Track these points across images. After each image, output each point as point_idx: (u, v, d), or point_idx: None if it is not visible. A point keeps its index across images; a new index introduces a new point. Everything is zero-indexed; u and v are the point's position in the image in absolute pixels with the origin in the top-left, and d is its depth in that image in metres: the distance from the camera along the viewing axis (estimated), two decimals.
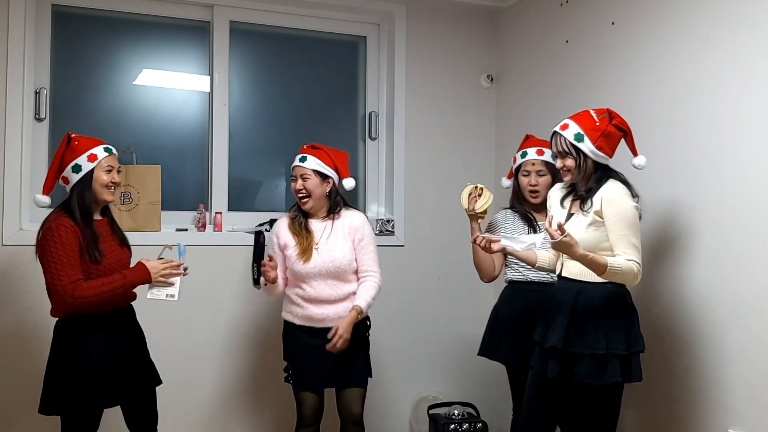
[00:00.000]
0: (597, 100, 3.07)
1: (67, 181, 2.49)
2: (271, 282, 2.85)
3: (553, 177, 2.87)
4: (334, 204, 2.95)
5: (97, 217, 2.57)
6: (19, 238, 3.10)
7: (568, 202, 2.54)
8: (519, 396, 2.87)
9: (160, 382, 2.71)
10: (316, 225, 2.92)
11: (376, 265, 2.92)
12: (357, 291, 2.87)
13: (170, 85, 3.61)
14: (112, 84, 3.47)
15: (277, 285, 2.89)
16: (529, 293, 2.88)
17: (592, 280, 2.39)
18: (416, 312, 3.81)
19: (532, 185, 2.92)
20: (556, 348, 2.42)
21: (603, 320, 2.38)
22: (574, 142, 2.40)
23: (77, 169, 2.46)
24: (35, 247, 2.45)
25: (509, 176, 3.07)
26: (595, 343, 2.36)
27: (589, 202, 2.41)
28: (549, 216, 2.35)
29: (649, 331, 2.78)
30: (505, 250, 2.57)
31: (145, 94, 3.54)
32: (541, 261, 2.65)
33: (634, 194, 2.41)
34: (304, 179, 2.87)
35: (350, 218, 2.94)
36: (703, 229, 2.60)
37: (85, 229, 2.44)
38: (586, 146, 2.39)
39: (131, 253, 2.64)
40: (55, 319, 2.51)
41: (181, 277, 2.56)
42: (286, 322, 2.95)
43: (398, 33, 3.83)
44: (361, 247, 2.90)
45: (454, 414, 3.51)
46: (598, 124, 2.40)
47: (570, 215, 2.50)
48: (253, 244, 3.45)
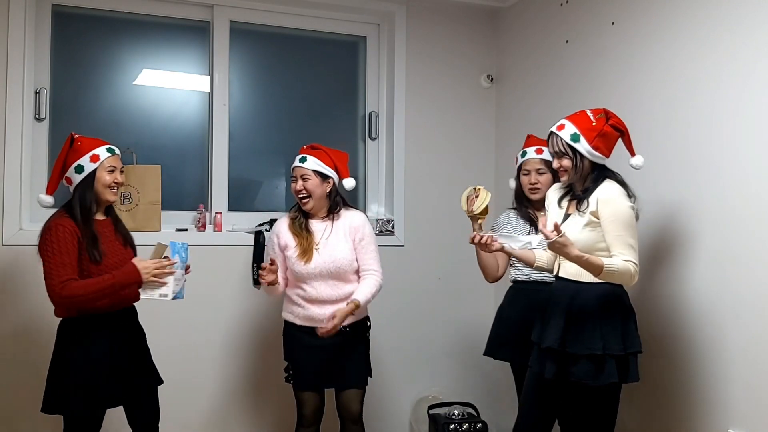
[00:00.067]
0: (597, 100, 3.07)
1: (70, 181, 2.51)
2: (269, 284, 2.85)
3: (554, 175, 2.87)
4: (334, 204, 2.94)
5: (100, 217, 2.57)
6: (19, 238, 3.10)
7: (565, 203, 2.54)
8: None
9: (161, 382, 2.71)
10: (316, 225, 2.92)
11: (378, 264, 2.92)
12: (357, 286, 2.87)
13: (170, 85, 3.61)
14: (112, 84, 3.47)
15: (278, 286, 2.89)
16: (532, 293, 2.88)
17: (588, 281, 2.39)
18: (416, 312, 3.81)
19: (531, 183, 2.94)
20: (553, 349, 2.42)
21: (600, 321, 2.38)
22: (571, 143, 2.40)
23: (80, 169, 2.48)
24: (37, 247, 2.46)
25: (516, 177, 3.09)
26: (592, 344, 2.36)
27: (586, 202, 2.40)
28: (542, 217, 2.35)
29: (650, 331, 2.78)
30: (504, 249, 2.57)
31: (145, 94, 3.54)
32: (540, 261, 2.66)
33: (630, 194, 2.40)
34: (305, 180, 2.87)
35: (350, 218, 2.94)
36: (703, 229, 2.60)
37: (85, 229, 2.45)
38: (583, 146, 2.39)
39: (136, 253, 2.64)
40: (58, 319, 2.51)
41: (185, 276, 2.55)
42: (287, 323, 2.95)
43: (398, 33, 3.83)
44: (362, 247, 2.90)
45: (454, 414, 3.51)
46: (594, 124, 2.39)
47: (567, 215, 2.50)
48: (253, 244, 3.46)
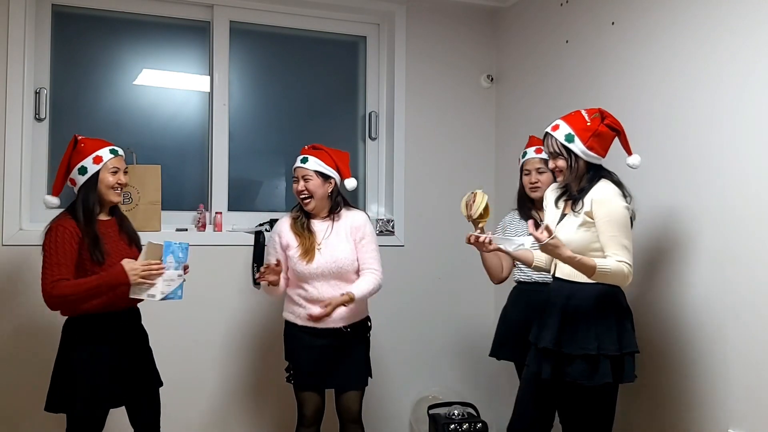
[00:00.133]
0: (597, 100, 3.07)
1: (74, 182, 2.54)
2: (270, 284, 2.85)
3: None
4: (335, 204, 2.94)
5: (105, 218, 2.60)
6: (19, 238, 3.10)
7: (562, 203, 2.54)
8: None
9: (161, 384, 2.72)
10: (318, 225, 2.92)
11: (377, 263, 2.91)
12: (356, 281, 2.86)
13: (170, 85, 3.61)
14: (112, 84, 3.47)
15: (278, 286, 2.89)
16: (534, 294, 2.88)
17: (584, 281, 2.38)
18: (416, 312, 3.81)
19: (532, 183, 2.96)
20: (549, 349, 2.42)
21: (595, 321, 2.38)
22: (565, 143, 2.39)
23: (83, 171, 2.51)
24: (41, 246, 2.49)
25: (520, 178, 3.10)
26: (586, 344, 2.36)
27: (580, 203, 2.40)
28: (530, 221, 2.35)
29: (650, 331, 2.79)
30: (501, 250, 2.57)
31: (145, 94, 3.54)
32: (538, 261, 2.66)
33: (626, 195, 2.39)
34: (306, 180, 2.87)
35: (352, 218, 2.94)
36: (703, 230, 2.60)
37: (87, 230, 2.47)
38: (577, 146, 2.38)
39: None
40: (57, 319, 2.52)
41: (183, 276, 2.55)
42: (288, 322, 2.94)
43: (398, 33, 3.83)
44: (362, 246, 2.90)
45: (454, 414, 3.51)
46: (589, 124, 2.39)
47: (564, 215, 2.50)
48: (253, 244, 3.46)
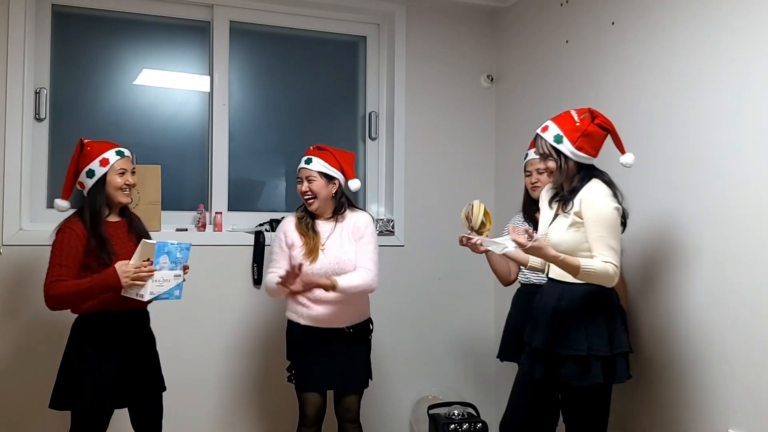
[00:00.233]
0: (597, 100, 3.07)
1: (83, 185, 2.57)
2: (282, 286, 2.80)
3: None
4: (339, 205, 2.95)
5: (115, 219, 2.63)
6: (19, 238, 3.10)
7: (555, 204, 2.54)
8: None
9: (164, 389, 2.72)
10: (322, 226, 2.93)
11: (372, 263, 2.87)
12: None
13: (170, 85, 3.61)
14: (112, 84, 3.47)
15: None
16: (532, 295, 2.87)
17: (576, 282, 2.38)
18: (416, 312, 3.81)
19: (532, 183, 2.96)
20: (541, 349, 2.43)
21: (585, 321, 2.38)
22: (554, 144, 2.39)
23: (91, 174, 2.54)
24: None
25: None
26: (577, 345, 2.36)
27: (570, 203, 2.40)
28: (510, 225, 2.35)
29: (650, 331, 2.79)
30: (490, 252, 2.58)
31: (145, 94, 3.54)
32: (533, 261, 2.66)
33: (617, 194, 2.39)
34: (310, 181, 2.88)
35: (355, 219, 2.94)
36: (703, 230, 2.59)
37: (93, 232, 2.49)
38: (566, 147, 2.38)
39: None
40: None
41: (183, 276, 2.56)
42: (290, 322, 2.94)
43: (398, 33, 3.83)
44: (360, 245, 2.89)
45: (454, 414, 3.51)
46: (578, 124, 2.38)
47: (556, 216, 2.50)
48: (253, 244, 3.46)
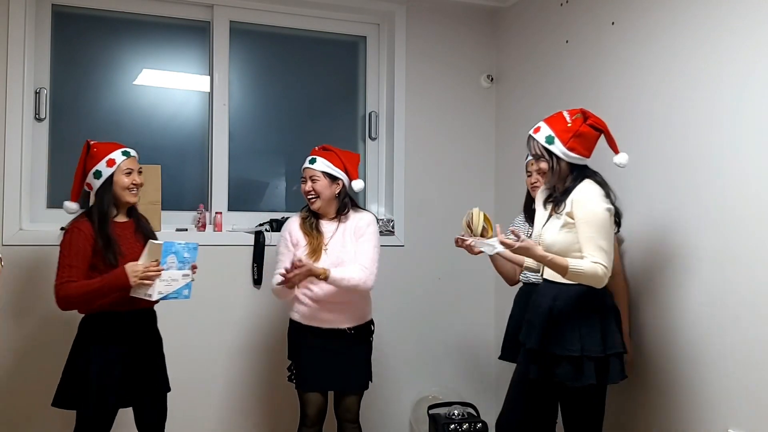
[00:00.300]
0: (597, 100, 3.07)
1: (90, 187, 2.59)
2: (287, 287, 2.81)
3: None
4: (343, 205, 2.95)
5: (122, 219, 2.64)
6: (19, 238, 3.10)
7: (549, 204, 2.54)
8: None
9: (168, 390, 2.73)
10: (326, 226, 2.93)
11: (369, 261, 2.85)
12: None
13: (170, 85, 3.61)
14: (112, 84, 3.47)
15: (293, 288, 2.84)
16: (529, 295, 2.89)
17: (570, 282, 2.38)
18: (416, 312, 3.81)
19: (532, 183, 2.96)
20: (536, 349, 2.43)
21: (578, 322, 2.38)
22: (546, 145, 2.40)
23: (98, 175, 2.56)
24: None
25: None
26: (570, 346, 2.36)
27: (563, 204, 2.40)
28: (498, 226, 2.35)
29: (650, 331, 2.79)
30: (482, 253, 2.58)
31: (145, 94, 3.54)
32: (528, 261, 2.66)
33: (609, 195, 2.39)
34: (313, 181, 2.89)
35: (358, 219, 2.95)
36: (703, 230, 2.59)
37: (101, 232, 2.51)
38: (558, 148, 2.38)
39: None
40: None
41: (192, 276, 2.58)
42: (292, 321, 2.94)
43: (398, 33, 3.83)
44: (359, 243, 2.89)
45: (454, 414, 3.51)
46: (570, 125, 2.39)
47: (551, 216, 2.50)
48: (253, 244, 3.46)
